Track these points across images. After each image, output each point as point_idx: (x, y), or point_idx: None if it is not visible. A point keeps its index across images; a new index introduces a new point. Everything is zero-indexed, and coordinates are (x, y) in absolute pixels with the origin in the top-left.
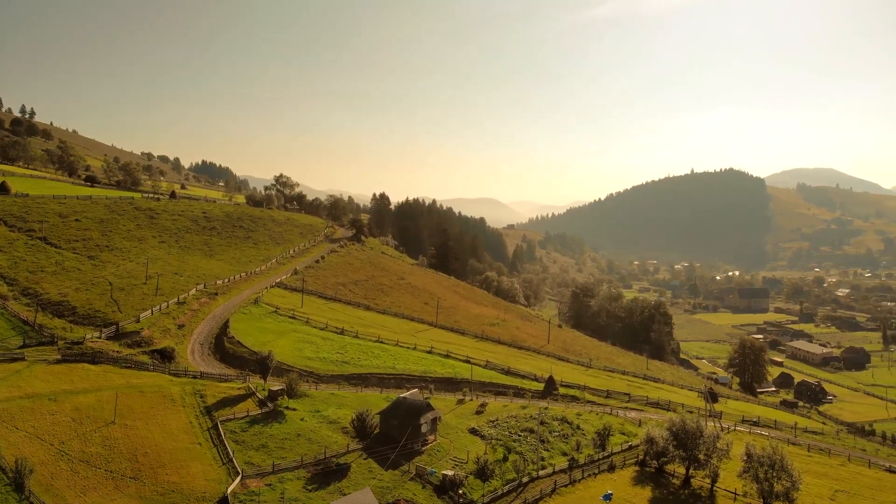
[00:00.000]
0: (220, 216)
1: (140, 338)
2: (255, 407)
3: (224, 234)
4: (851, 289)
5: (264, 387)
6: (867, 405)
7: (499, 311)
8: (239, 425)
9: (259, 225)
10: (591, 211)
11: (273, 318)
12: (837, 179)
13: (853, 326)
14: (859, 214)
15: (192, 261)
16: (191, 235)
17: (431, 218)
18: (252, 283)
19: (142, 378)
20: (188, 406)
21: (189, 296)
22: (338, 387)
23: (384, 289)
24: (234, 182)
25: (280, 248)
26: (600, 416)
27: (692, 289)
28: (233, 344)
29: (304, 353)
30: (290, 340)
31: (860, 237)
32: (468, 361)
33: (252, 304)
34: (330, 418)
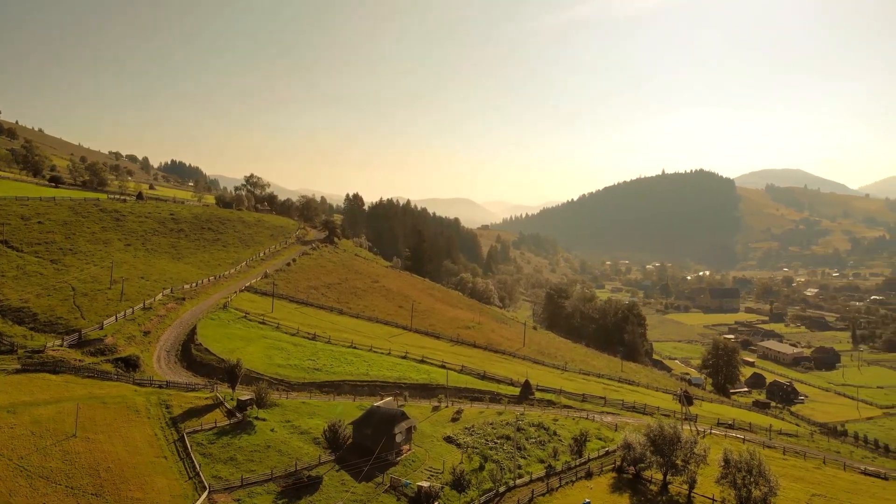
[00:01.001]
0: (189, 218)
1: (104, 345)
2: (224, 417)
3: (192, 237)
4: (820, 288)
5: (233, 396)
6: (838, 405)
7: (474, 314)
8: (206, 437)
9: (228, 227)
10: (564, 211)
11: (242, 323)
12: (805, 180)
13: (823, 326)
14: (827, 215)
15: (158, 264)
16: (158, 238)
17: (406, 219)
18: (221, 288)
19: (105, 388)
20: (153, 417)
21: (155, 301)
22: (309, 395)
23: (358, 292)
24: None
25: (250, 251)
26: (577, 422)
27: (664, 289)
28: (200, 351)
29: (274, 360)
30: (260, 347)
31: (828, 237)
32: (443, 366)
33: (221, 310)
34: (301, 429)
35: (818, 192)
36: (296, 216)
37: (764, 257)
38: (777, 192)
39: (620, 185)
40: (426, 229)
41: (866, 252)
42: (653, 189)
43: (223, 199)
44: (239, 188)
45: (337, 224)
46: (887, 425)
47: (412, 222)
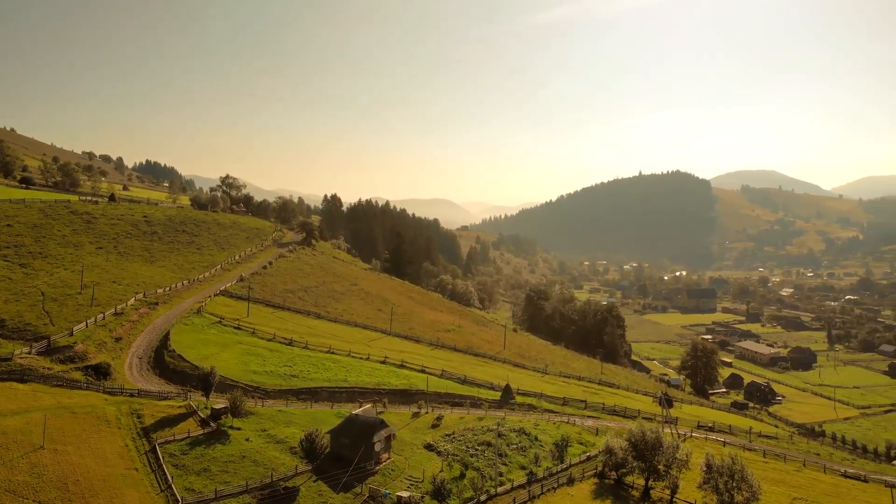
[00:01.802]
0: (163, 220)
1: (73, 353)
2: (197, 427)
3: (166, 240)
4: (795, 288)
5: (207, 405)
6: (816, 405)
7: (454, 317)
8: (179, 447)
9: (203, 229)
10: (542, 212)
11: (217, 328)
12: (780, 181)
13: (798, 326)
14: (801, 215)
15: (131, 268)
16: (130, 241)
17: (385, 220)
18: (195, 292)
19: (74, 397)
20: (124, 427)
21: (127, 306)
22: (286, 403)
23: (336, 295)
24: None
25: (225, 254)
26: (558, 426)
27: (641, 289)
28: (174, 358)
29: (249, 366)
30: (235, 353)
31: (802, 237)
32: (423, 371)
33: (195, 314)
34: (277, 438)
35: (792, 193)
36: (272, 218)
37: (740, 257)
38: (752, 193)
39: (598, 185)
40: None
41: (840, 252)
42: (630, 190)
43: (198, 201)
44: (214, 189)
45: (314, 226)
46: (864, 426)
47: (391, 223)
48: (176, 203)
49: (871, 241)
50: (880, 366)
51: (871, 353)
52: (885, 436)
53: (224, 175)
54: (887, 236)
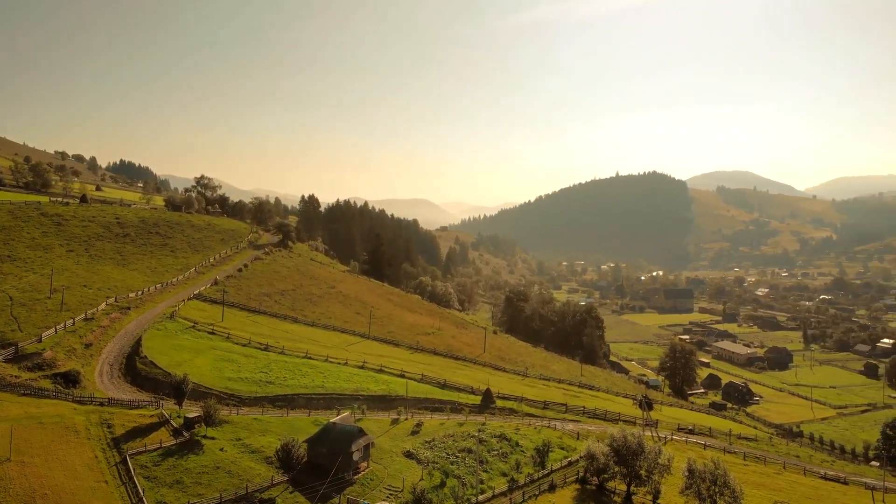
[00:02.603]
0: (135, 222)
1: (42, 360)
2: (170, 437)
3: (139, 242)
4: (770, 288)
5: (179, 413)
6: (793, 405)
7: (434, 319)
8: (151, 459)
9: (177, 231)
10: (521, 212)
11: (190, 334)
12: (754, 182)
13: (774, 326)
14: (775, 216)
15: (102, 271)
16: (102, 243)
17: (364, 221)
18: (168, 296)
19: (42, 407)
20: (94, 438)
21: (98, 311)
22: (261, 410)
23: (313, 299)
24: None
25: (199, 256)
26: (538, 431)
27: (619, 289)
28: (146, 365)
29: (224, 373)
30: (209, 359)
31: (777, 237)
32: (403, 376)
33: (168, 319)
34: (252, 447)
35: (767, 194)
36: (248, 219)
37: (716, 257)
38: (728, 194)
39: (576, 186)
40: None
41: (814, 252)
42: (607, 191)
43: (172, 202)
44: (189, 190)
45: (291, 227)
46: (841, 426)
47: (370, 224)
48: (150, 204)
49: (844, 241)
50: (856, 365)
51: (847, 353)
52: (863, 436)
53: (199, 175)
54: (860, 237)
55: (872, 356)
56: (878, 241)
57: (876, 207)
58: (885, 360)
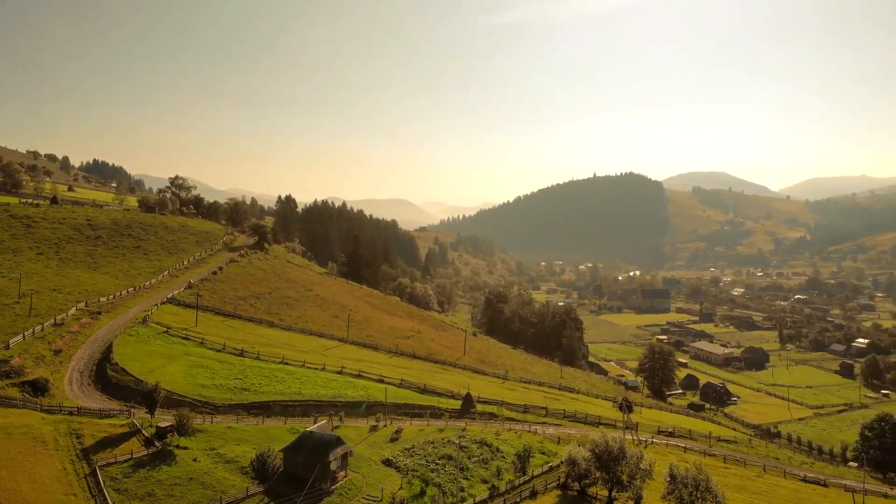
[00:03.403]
0: (107, 223)
1: (9, 367)
2: (141, 447)
3: (111, 244)
4: (746, 288)
5: (151, 422)
6: (770, 405)
7: (413, 322)
8: (121, 470)
9: (150, 233)
10: (500, 212)
11: (163, 339)
12: (729, 182)
13: (750, 326)
14: (750, 216)
15: (73, 275)
16: (73, 246)
17: (342, 221)
18: (141, 300)
19: (9, 417)
20: (62, 449)
21: (68, 316)
22: (236, 418)
23: (290, 302)
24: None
25: (173, 259)
26: (519, 435)
27: (597, 289)
28: (117, 372)
29: (198, 379)
30: (183, 365)
31: (751, 238)
32: (381, 381)
33: (140, 324)
34: (227, 457)
35: (742, 195)
36: (224, 220)
37: (692, 257)
38: (703, 195)
39: (554, 187)
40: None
41: (788, 252)
42: (585, 191)
43: (146, 202)
44: (163, 190)
45: (268, 228)
46: (819, 426)
47: (348, 225)
48: (123, 204)
49: (818, 241)
50: (831, 365)
51: (822, 353)
52: (840, 436)
53: (173, 176)
54: (833, 237)
55: (848, 356)
56: (851, 241)
57: (849, 208)
58: (860, 360)
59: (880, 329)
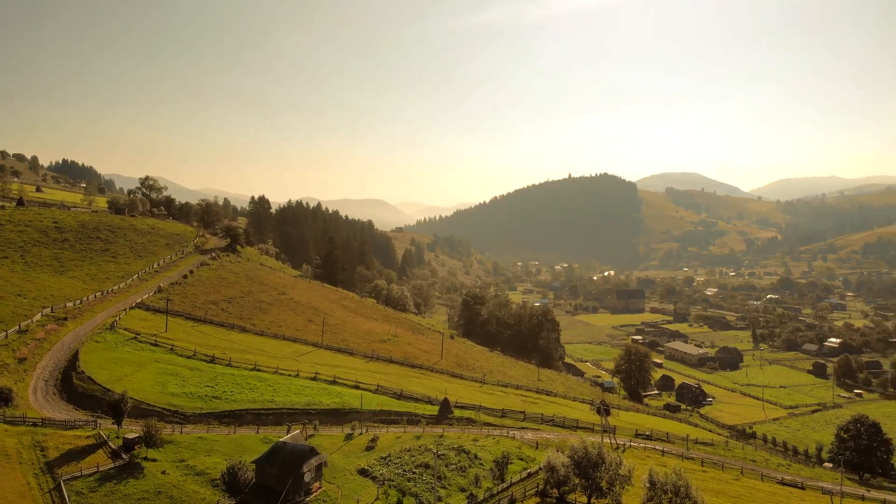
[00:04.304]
0: (74, 226)
1: None
2: (108, 459)
3: (78, 248)
4: (719, 288)
5: (118, 434)
6: (745, 406)
7: (389, 325)
8: (87, 484)
9: (119, 235)
10: (476, 213)
11: (132, 345)
12: (702, 183)
13: (724, 326)
14: (722, 216)
15: (38, 279)
16: (39, 249)
17: (317, 223)
18: (109, 305)
19: None
20: (26, 462)
21: (33, 322)
22: (207, 428)
23: (263, 306)
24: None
25: (143, 262)
26: (497, 441)
27: (573, 290)
28: (83, 380)
29: (167, 387)
30: (152, 373)
31: (724, 238)
32: (357, 387)
33: (107, 330)
34: (197, 469)
35: (714, 195)
36: (195, 221)
37: (665, 257)
38: (676, 195)
39: (530, 187)
40: (338, 234)
41: (760, 252)
42: (560, 192)
43: (116, 204)
44: (133, 191)
45: (240, 230)
46: (793, 426)
47: (324, 226)
48: (92, 206)
49: (789, 241)
50: (804, 365)
51: (795, 353)
52: (815, 436)
53: (144, 176)
54: (804, 237)
55: (820, 355)
56: (821, 240)
57: (818, 208)
58: (832, 360)
59: (852, 328)
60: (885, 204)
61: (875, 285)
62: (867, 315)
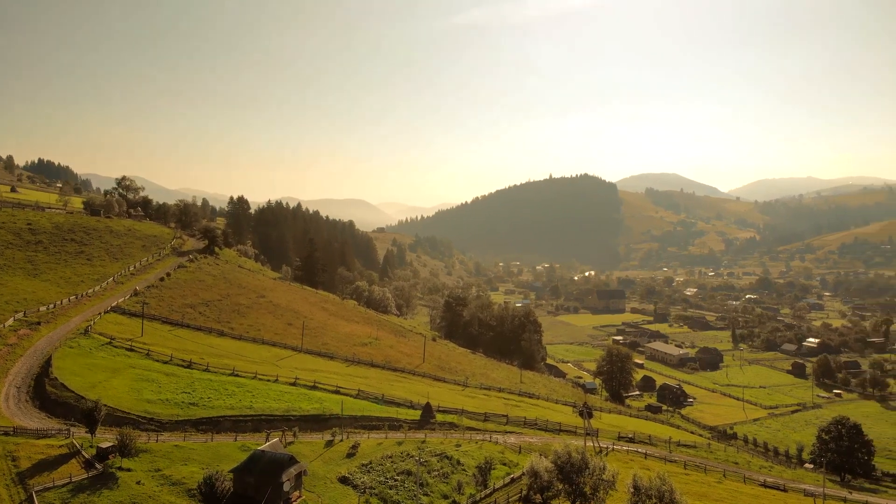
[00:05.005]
0: (49, 228)
1: None
2: (81, 469)
3: (52, 250)
4: (698, 288)
5: (92, 443)
6: (726, 406)
7: (371, 328)
8: (59, 495)
9: (94, 237)
10: (458, 213)
11: (107, 351)
12: (681, 184)
13: (704, 326)
14: (702, 217)
15: (11, 283)
16: (12, 251)
17: (297, 223)
18: (83, 308)
19: None
20: None
21: (5, 327)
22: (184, 435)
23: (241, 310)
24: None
25: (119, 265)
26: (480, 445)
27: (554, 290)
28: (56, 387)
29: (143, 394)
30: (127, 379)
31: (703, 238)
32: (338, 392)
33: (82, 335)
34: (173, 479)
35: (693, 196)
36: (173, 223)
37: (645, 257)
38: (656, 196)
39: (512, 188)
40: (319, 234)
41: (738, 252)
42: (541, 192)
43: (92, 205)
44: (109, 192)
45: (219, 231)
46: (773, 427)
47: (304, 227)
48: (67, 206)
49: (767, 241)
50: (783, 365)
51: (774, 353)
52: (795, 437)
53: (120, 177)
54: (782, 237)
55: (799, 355)
56: (799, 241)
57: (796, 209)
58: (811, 360)
59: (830, 328)
60: (862, 204)
61: (852, 285)
62: (845, 315)
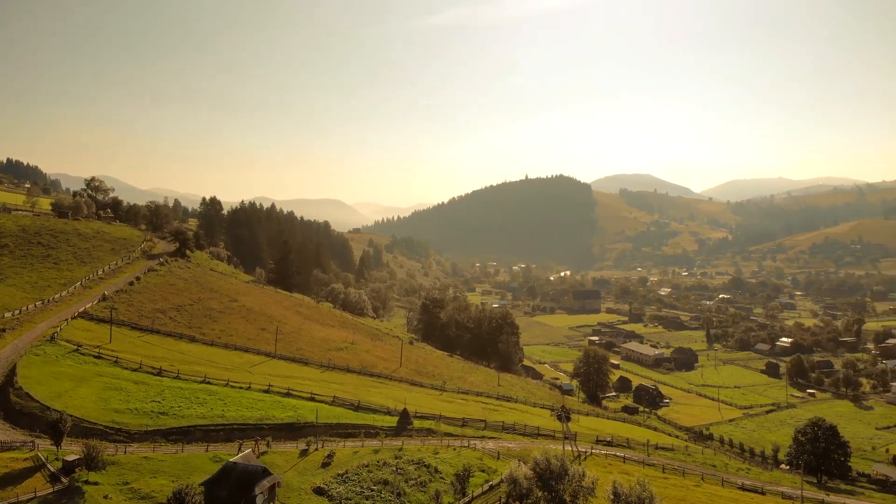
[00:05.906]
0: (14, 231)
1: None
2: (46, 484)
3: (17, 254)
4: (673, 288)
5: (57, 456)
6: (701, 407)
7: (347, 332)
8: None
9: (61, 240)
10: (435, 214)
11: (73, 358)
12: (654, 184)
13: (679, 326)
14: (675, 217)
15: None
16: None
17: (271, 224)
18: (50, 314)
19: None
20: None
21: None
22: (153, 447)
23: (213, 314)
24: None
25: (86, 269)
26: (458, 452)
27: (530, 291)
28: (21, 397)
29: (110, 403)
30: (94, 388)
31: (676, 238)
32: (312, 399)
33: (48, 342)
34: (142, 493)
35: (667, 196)
36: (143, 225)
37: (619, 258)
38: (630, 196)
39: (488, 188)
40: (293, 236)
41: (711, 252)
42: (518, 193)
43: (60, 206)
44: (78, 193)
45: (189, 234)
46: (748, 427)
47: (278, 228)
48: (35, 208)
49: (739, 241)
50: (757, 364)
51: (748, 352)
52: (770, 437)
53: (90, 178)
54: (754, 237)
55: (772, 355)
56: (770, 240)
57: (767, 209)
58: (784, 360)
59: (802, 328)
60: (832, 205)
61: (823, 285)
62: (816, 314)
